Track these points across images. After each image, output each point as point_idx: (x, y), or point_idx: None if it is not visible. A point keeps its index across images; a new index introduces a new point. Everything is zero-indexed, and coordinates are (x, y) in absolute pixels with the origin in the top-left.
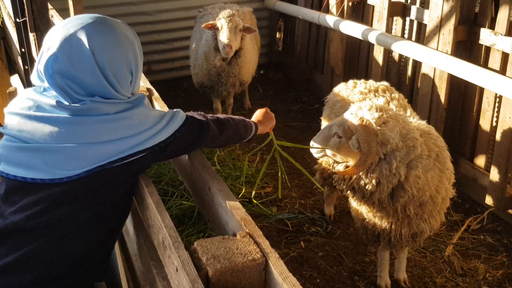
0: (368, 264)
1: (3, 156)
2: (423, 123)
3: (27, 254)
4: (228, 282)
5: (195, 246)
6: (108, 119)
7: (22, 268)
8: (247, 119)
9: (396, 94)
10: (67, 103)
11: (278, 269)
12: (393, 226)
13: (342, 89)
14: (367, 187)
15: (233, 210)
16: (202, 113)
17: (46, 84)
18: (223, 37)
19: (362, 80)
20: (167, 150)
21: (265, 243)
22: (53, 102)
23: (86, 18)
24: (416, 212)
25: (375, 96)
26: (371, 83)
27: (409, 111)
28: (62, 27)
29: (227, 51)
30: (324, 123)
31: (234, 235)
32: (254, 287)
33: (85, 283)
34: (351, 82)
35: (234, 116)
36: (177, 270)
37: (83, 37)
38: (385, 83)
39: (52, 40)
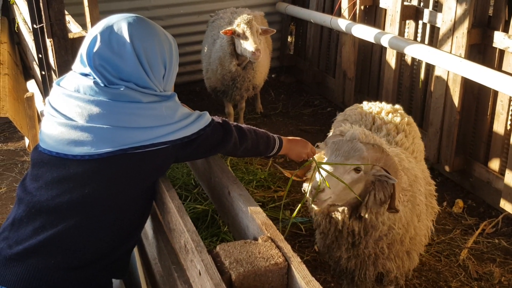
0: None
1: (42, 129)
2: (396, 150)
3: (52, 238)
4: (251, 286)
5: (218, 250)
6: (139, 107)
7: (46, 252)
8: (273, 135)
9: (398, 118)
10: (102, 85)
11: (301, 273)
12: (357, 264)
13: (352, 108)
14: (383, 225)
15: (254, 214)
16: (225, 119)
17: (87, 69)
18: (250, 43)
19: (377, 103)
20: (189, 148)
21: (287, 247)
22: (91, 83)
23: (129, 14)
24: (382, 251)
25: (372, 118)
26: (380, 105)
27: (400, 135)
28: (105, 19)
29: (257, 55)
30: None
31: (255, 239)
32: None
33: (104, 277)
34: (365, 103)
35: (259, 130)
36: (200, 274)
37: (124, 25)
38: (396, 106)
39: (96, 27)
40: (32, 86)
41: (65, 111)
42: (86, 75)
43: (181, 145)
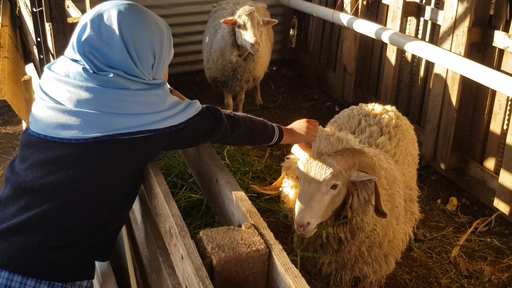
0: None
1: (32, 112)
2: (375, 151)
3: (35, 217)
4: (232, 271)
5: (201, 235)
6: (127, 94)
7: (29, 231)
8: (271, 123)
9: (385, 120)
10: (91, 71)
11: (281, 260)
12: (334, 267)
13: (346, 109)
14: (367, 225)
15: (239, 201)
16: (218, 108)
17: (77, 56)
18: (250, 35)
19: (370, 104)
20: (178, 137)
21: (269, 235)
22: (80, 69)
23: (122, 1)
24: (361, 255)
25: (358, 120)
26: (371, 106)
27: (382, 138)
28: (97, 6)
29: (256, 48)
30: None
31: (240, 226)
32: (257, 277)
33: (87, 258)
34: (361, 104)
35: (256, 119)
36: (182, 258)
37: (114, 13)
38: (388, 108)
39: (87, 14)
40: (30, 69)
41: (54, 95)
42: (76, 61)
43: (169, 133)
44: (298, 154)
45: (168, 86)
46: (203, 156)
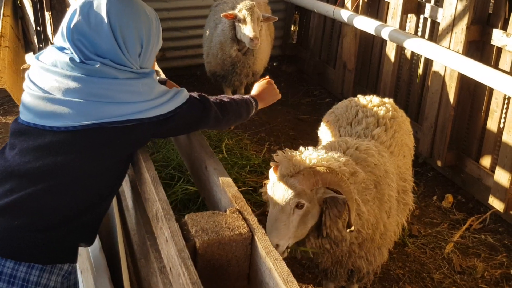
0: None
1: (21, 101)
2: (369, 144)
3: (19, 200)
4: (215, 254)
5: (186, 219)
6: (115, 83)
7: (12, 213)
8: (247, 97)
9: (382, 112)
10: (79, 61)
11: (263, 244)
12: (330, 263)
13: (344, 100)
14: (349, 234)
15: (225, 187)
16: (204, 95)
17: (66, 44)
18: (249, 30)
19: (368, 96)
20: (166, 126)
21: (253, 220)
22: (67, 59)
23: None
24: (353, 251)
25: (356, 112)
26: (369, 98)
27: (378, 129)
28: None
29: (255, 43)
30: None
31: (225, 211)
32: (240, 261)
33: (70, 241)
34: (359, 96)
35: (236, 97)
36: (167, 241)
37: (104, 1)
38: (385, 100)
39: (78, 0)
40: (30, 58)
41: (42, 85)
42: (64, 49)
43: (157, 122)
44: (271, 178)
45: (164, 76)
46: (193, 144)
